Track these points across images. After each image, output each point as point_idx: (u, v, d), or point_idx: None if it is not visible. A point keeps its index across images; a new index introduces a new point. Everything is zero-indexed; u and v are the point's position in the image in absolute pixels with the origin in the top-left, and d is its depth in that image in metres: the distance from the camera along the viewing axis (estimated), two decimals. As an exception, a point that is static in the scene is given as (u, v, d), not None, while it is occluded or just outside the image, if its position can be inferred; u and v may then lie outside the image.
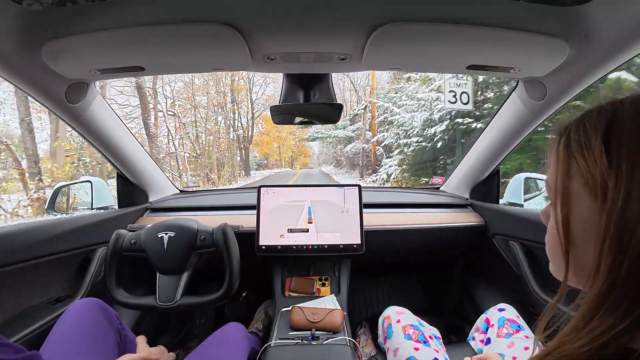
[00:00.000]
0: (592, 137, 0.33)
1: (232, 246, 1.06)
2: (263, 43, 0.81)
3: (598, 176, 0.31)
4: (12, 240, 0.93)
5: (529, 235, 1.20)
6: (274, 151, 41.19)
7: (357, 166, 17.12)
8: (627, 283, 0.29)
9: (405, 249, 1.57)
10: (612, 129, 0.32)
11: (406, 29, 0.75)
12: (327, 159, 34.30)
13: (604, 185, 0.31)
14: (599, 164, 0.31)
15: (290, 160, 45.54)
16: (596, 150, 0.32)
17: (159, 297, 1.02)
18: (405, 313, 1.06)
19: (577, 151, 0.34)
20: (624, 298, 0.29)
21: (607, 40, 0.74)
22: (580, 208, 0.34)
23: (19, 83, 0.88)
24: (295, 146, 41.51)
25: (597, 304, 0.30)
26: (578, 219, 0.35)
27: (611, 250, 0.30)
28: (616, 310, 0.29)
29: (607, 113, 0.33)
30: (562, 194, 0.36)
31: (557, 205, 0.36)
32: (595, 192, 0.32)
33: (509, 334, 0.93)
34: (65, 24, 0.74)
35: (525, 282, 1.16)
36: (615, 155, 0.30)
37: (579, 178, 0.34)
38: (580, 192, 0.34)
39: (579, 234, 0.35)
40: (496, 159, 1.38)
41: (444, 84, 6.35)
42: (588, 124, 0.34)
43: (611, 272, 0.30)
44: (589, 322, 0.30)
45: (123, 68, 0.89)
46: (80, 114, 1.06)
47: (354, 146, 17.23)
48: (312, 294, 1.32)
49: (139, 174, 1.45)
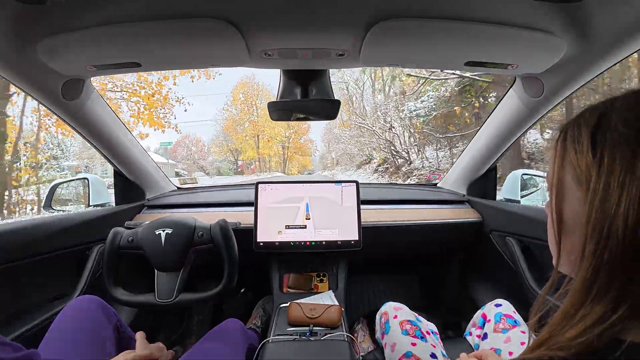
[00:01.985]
0: (583, 131, 0.35)
1: (230, 242, 1.06)
2: (260, 39, 0.81)
3: (584, 167, 0.34)
4: (9, 238, 0.93)
5: (526, 231, 1.21)
6: (247, 145, 29.69)
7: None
8: (611, 270, 0.31)
9: (402, 245, 1.58)
10: (600, 124, 0.34)
11: (404, 25, 0.74)
12: (344, 160, 23.63)
13: (589, 175, 0.33)
14: (585, 156, 0.34)
15: (283, 161, 32.60)
16: (584, 143, 0.35)
17: (157, 294, 1.02)
18: (402, 309, 1.06)
19: (570, 144, 0.37)
20: (610, 285, 0.31)
21: (604, 37, 0.74)
22: (571, 198, 0.37)
23: (15, 80, 0.87)
24: (291, 140, 31.18)
25: (584, 290, 0.33)
26: (568, 209, 0.37)
27: (593, 237, 0.32)
28: (604, 298, 0.31)
29: (599, 109, 0.36)
30: (557, 185, 0.38)
31: (552, 196, 0.39)
32: (582, 181, 0.34)
33: (505, 329, 0.94)
34: (61, 21, 0.73)
35: (521, 277, 1.17)
36: (599, 148, 0.33)
37: (570, 169, 0.36)
38: (570, 183, 0.36)
39: (569, 223, 0.37)
40: (493, 156, 1.38)
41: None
42: (582, 120, 0.36)
43: (594, 257, 0.32)
44: (578, 308, 0.32)
45: (119, 64, 0.88)
46: (76, 111, 1.05)
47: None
48: (310, 290, 1.32)
49: (136, 171, 1.44)
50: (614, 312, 0.30)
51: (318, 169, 34.42)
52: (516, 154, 7.82)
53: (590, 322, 0.31)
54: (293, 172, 32.70)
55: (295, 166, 33.88)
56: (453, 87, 9.60)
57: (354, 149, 18.11)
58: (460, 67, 0.93)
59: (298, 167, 34.23)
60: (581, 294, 0.33)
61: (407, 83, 12.14)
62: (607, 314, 0.31)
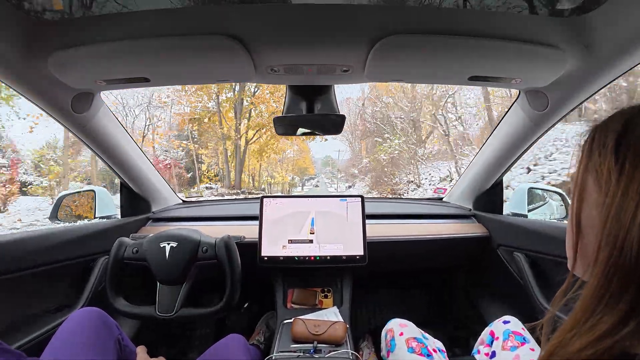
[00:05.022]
0: (609, 135, 0.35)
1: (234, 259, 1.05)
2: (267, 55, 0.82)
3: (606, 171, 0.34)
4: (14, 248, 0.93)
5: (534, 246, 1.19)
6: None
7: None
8: (624, 281, 0.30)
9: (408, 260, 1.56)
10: (626, 130, 0.34)
11: (408, 41, 0.76)
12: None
13: (609, 181, 0.33)
14: (608, 160, 0.34)
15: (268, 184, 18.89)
16: (609, 148, 0.34)
17: (158, 307, 1.02)
18: (408, 325, 1.04)
19: (596, 147, 0.36)
20: (622, 296, 0.30)
21: (607, 50, 0.75)
22: (591, 202, 0.37)
23: (26, 92, 0.89)
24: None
25: (595, 297, 0.32)
26: (587, 212, 0.37)
27: (608, 244, 0.31)
28: (614, 308, 0.30)
29: (625, 115, 0.35)
30: (579, 187, 0.38)
31: (574, 197, 0.39)
32: (601, 186, 0.34)
33: (514, 347, 0.91)
34: (72, 35, 0.75)
35: (530, 293, 1.15)
36: (622, 154, 0.33)
37: (593, 172, 0.36)
38: (592, 187, 0.36)
39: (587, 225, 0.37)
40: (499, 169, 1.38)
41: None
42: (610, 124, 0.36)
43: (607, 265, 0.31)
44: (589, 317, 0.32)
45: (129, 79, 0.90)
46: (85, 124, 1.07)
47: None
48: (315, 306, 1.30)
49: (142, 184, 1.45)
50: (624, 325, 0.29)
51: (323, 184, 23.39)
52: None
53: (599, 333, 0.30)
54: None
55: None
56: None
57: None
58: (464, 82, 0.94)
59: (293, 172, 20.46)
60: (592, 301, 0.32)
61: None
62: (617, 326, 0.30)
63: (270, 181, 20.54)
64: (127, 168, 1.34)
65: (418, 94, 12.15)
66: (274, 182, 20.97)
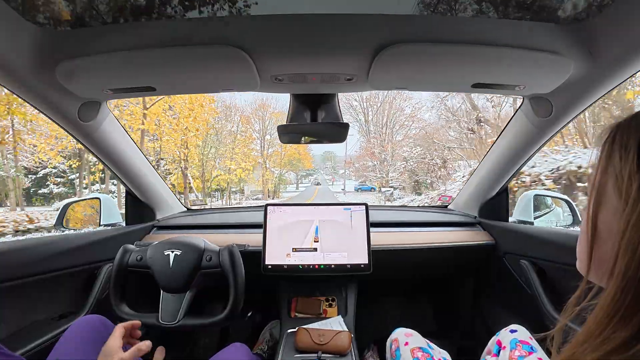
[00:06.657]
0: (632, 136, 0.33)
1: (238, 268, 1.05)
2: (271, 64, 0.83)
3: (627, 176, 0.32)
4: (20, 255, 0.94)
5: (541, 253, 1.17)
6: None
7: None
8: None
9: (413, 268, 1.54)
10: None
11: (411, 50, 0.76)
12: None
13: (629, 187, 0.31)
14: (630, 165, 0.32)
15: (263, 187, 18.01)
16: (631, 151, 0.32)
17: (161, 316, 1.01)
18: (413, 335, 1.03)
19: (617, 148, 0.34)
20: (638, 310, 0.28)
21: (610, 55, 0.75)
22: (609, 207, 0.34)
23: (34, 101, 0.91)
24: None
25: (610, 309, 0.30)
26: (604, 217, 0.35)
27: (626, 254, 0.30)
28: (629, 322, 0.29)
29: None
30: (597, 190, 0.36)
31: (590, 200, 0.37)
32: (622, 192, 0.32)
33: (521, 357, 0.89)
34: (79, 45, 0.77)
35: (537, 301, 1.13)
36: None
37: (612, 176, 0.34)
38: (611, 191, 0.34)
39: (604, 231, 0.35)
40: (504, 177, 1.37)
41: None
42: (634, 124, 0.34)
43: (624, 277, 0.29)
44: (603, 329, 0.30)
45: (135, 88, 0.92)
46: (92, 132, 1.08)
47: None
48: (319, 315, 1.29)
49: (147, 192, 1.46)
50: (638, 341, 0.28)
51: (324, 182, 21.37)
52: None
53: (612, 346, 0.29)
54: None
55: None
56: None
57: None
58: (468, 90, 0.94)
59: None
60: (607, 313, 0.30)
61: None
62: (630, 341, 0.28)
63: (224, 178, 14.92)
64: (132, 176, 1.35)
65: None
66: (237, 181, 15.56)
